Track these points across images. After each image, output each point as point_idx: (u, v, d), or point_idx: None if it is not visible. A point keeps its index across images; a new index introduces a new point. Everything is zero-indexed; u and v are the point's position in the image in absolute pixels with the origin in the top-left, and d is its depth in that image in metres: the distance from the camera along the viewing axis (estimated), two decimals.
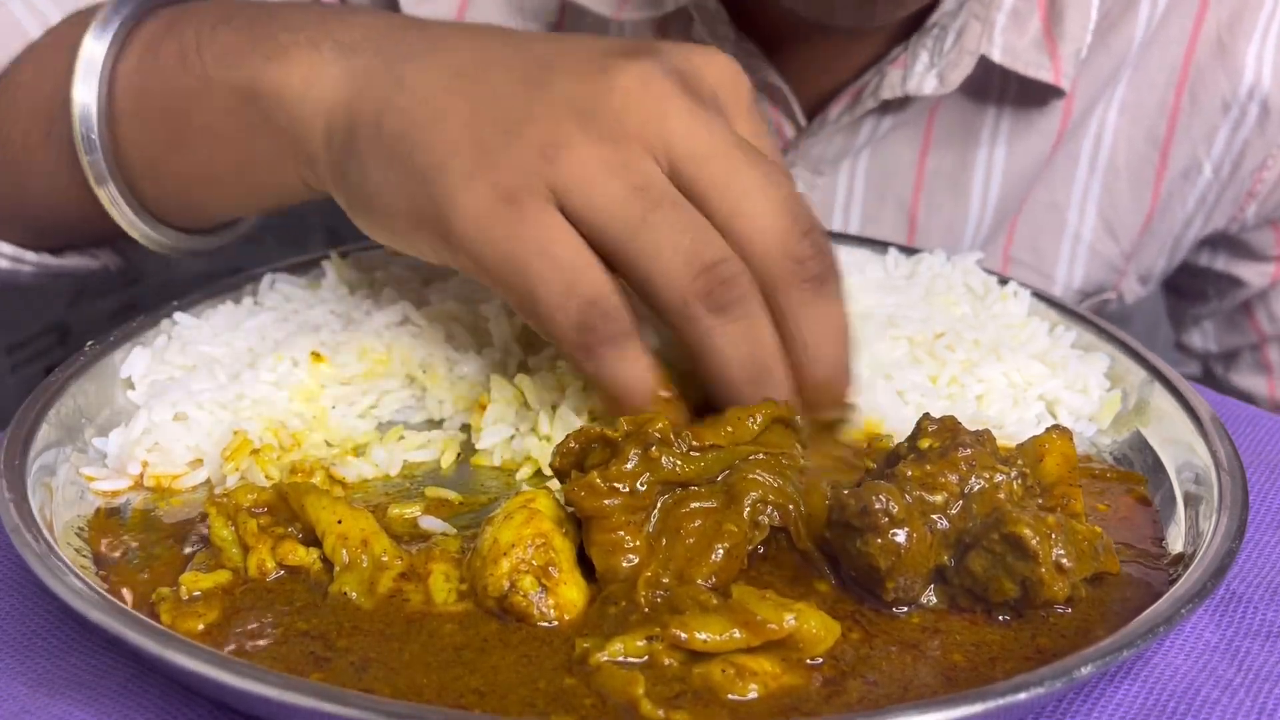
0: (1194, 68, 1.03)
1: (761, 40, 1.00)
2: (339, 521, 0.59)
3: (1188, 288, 1.20)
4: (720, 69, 0.68)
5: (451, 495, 0.66)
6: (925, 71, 0.97)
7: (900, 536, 0.56)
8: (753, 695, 0.51)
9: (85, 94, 0.77)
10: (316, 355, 0.73)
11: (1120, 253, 1.09)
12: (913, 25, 0.98)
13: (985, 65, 0.98)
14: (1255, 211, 1.08)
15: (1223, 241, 1.13)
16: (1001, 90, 1.02)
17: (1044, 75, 0.98)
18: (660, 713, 0.50)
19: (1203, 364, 1.23)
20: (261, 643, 0.55)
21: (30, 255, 0.88)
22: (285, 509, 0.61)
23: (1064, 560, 0.56)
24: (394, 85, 0.67)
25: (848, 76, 1.01)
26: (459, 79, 0.67)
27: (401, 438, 0.71)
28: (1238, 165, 1.05)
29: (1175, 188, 1.07)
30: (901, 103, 1.01)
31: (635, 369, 0.64)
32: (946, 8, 0.96)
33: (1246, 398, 1.15)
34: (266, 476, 0.67)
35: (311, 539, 0.60)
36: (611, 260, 0.63)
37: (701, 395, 0.65)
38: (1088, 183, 1.07)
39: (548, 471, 0.67)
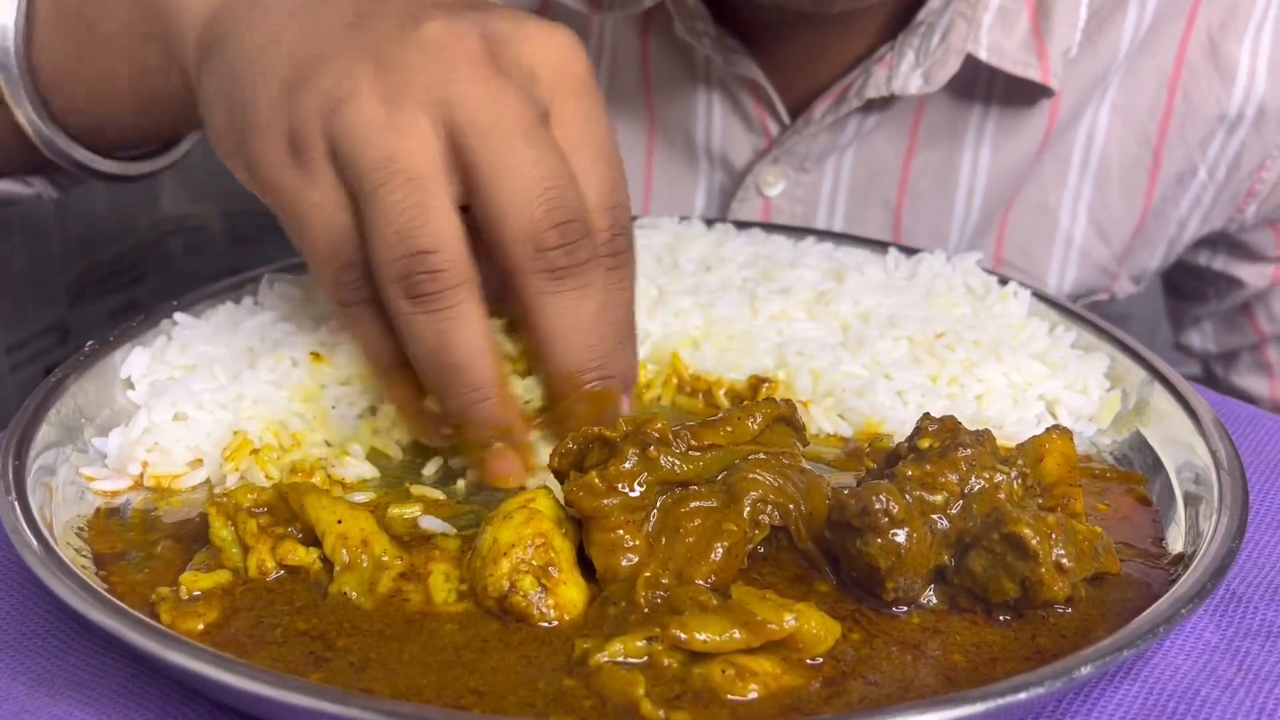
0: (1186, 69, 1.02)
1: (743, 36, 1.00)
2: (339, 521, 0.59)
3: (1187, 288, 1.19)
4: (546, 46, 0.65)
5: (438, 494, 0.66)
6: (911, 70, 0.96)
7: (900, 536, 0.56)
8: (753, 696, 0.51)
9: (4, 14, 0.78)
10: (316, 355, 0.73)
11: (1112, 255, 1.09)
12: (899, 23, 0.98)
13: (972, 64, 0.97)
14: (1255, 211, 1.07)
15: (1222, 242, 1.12)
16: (988, 89, 1.02)
17: (1032, 74, 0.97)
18: (660, 713, 0.50)
19: (1202, 364, 1.22)
20: (261, 643, 0.55)
21: None
22: (285, 509, 0.61)
23: (1064, 560, 0.56)
24: (250, 4, 0.68)
25: (832, 74, 1.01)
26: (303, 6, 0.66)
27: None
28: (1235, 167, 1.05)
29: (1169, 191, 1.06)
30: (887, 101, 1.00)
31: (376, 331, 0.65)
32: (933, 6, 0.96)
33: (1246, 398, 1.15)
34: (266, 476, 0.67)
35: (311, 539, 0.60)
36: None
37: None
38: (1079, 185, 1.06)
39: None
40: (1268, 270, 1.11)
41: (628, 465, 0.58)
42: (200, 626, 0.55)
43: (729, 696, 0.51)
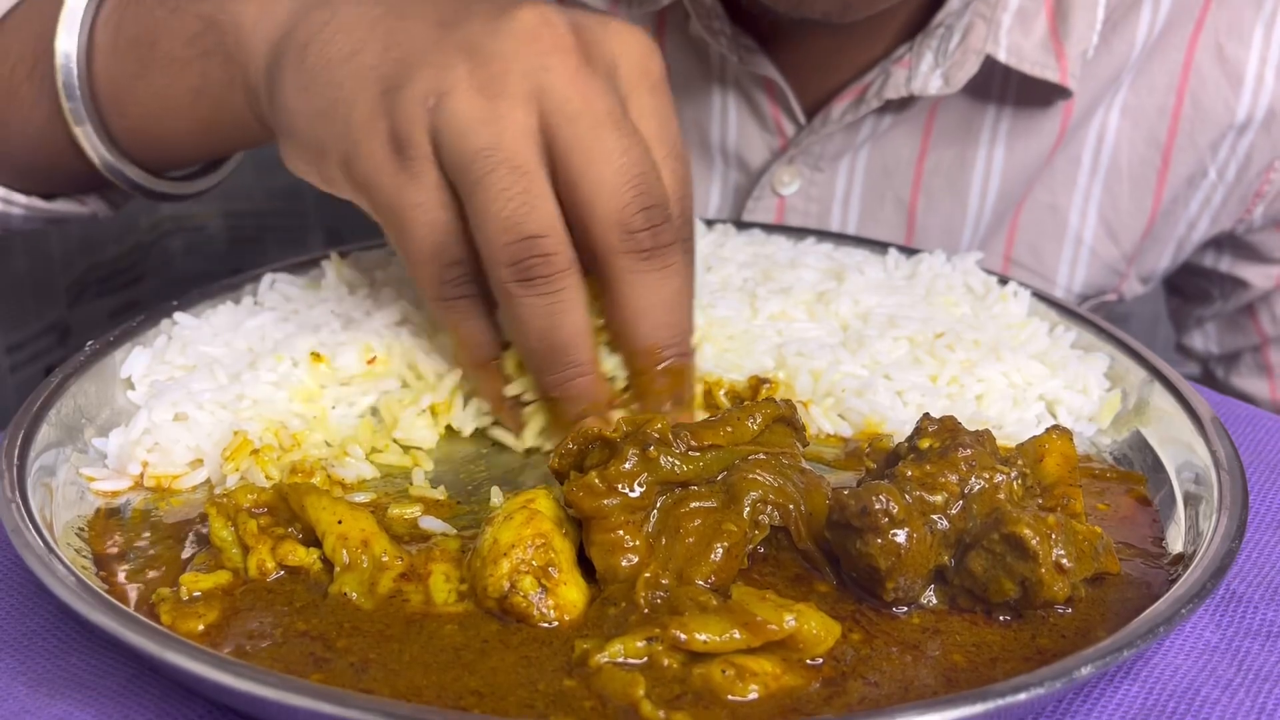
0: (1195, 72, 1.02)
1: (759, 36, 1.00)
2: (339, 522, 0.59)
3: (1191, 289, 1.19)
4: (628, 43, 0.68)
5: (439, 494, 0.66)
6: (930, 71, 0.97)
7: (900, 536, 0.56)
8: (753, 696, 0.51)
9: (67, 43, 0.79)
10: (316, 355, 0.73)
11: (1121, 255, 1.09)
12: (917, 24, 0.98)
13: (989, 65, 0.98)
14: (1263, 212, 1.08)
15: (1228, 243, 1.12)
16: (1003, 90, 1.02)
17: (1050, 75, 0.97)
18: (661, 714, 0.50)
19: (1203, 365, 1.22)
20: (261, 643, 0.55)
21: (20, 198, 0.88)
22: (285, 509, 0.61)
23: (1064, 560, 0.56)
24: (328, 16, 0.69)
25: (848, 74, 1.01)
26: (386, 14, 0.68)
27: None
28: (1244, 168, 1.05)
29: (1179, 192, 1.06)
30: (904, 101, 1.01)
31: (478, 326, 0.69)
32: (952, 7, 0.96)
33: (1247, 399, 1.15)
34: (266, 476, 0.67)
35: (311, 539, 0.60)
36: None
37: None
38: (1089, 185, 1.07)
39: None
40: (1273, 272, 1.12)
41: (628, 466, 0.58)
42: (200, 627, 0.55)
43: (729, 697, 0.51)
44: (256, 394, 0.71)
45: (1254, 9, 1.02)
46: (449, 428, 0.74)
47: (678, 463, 0.59)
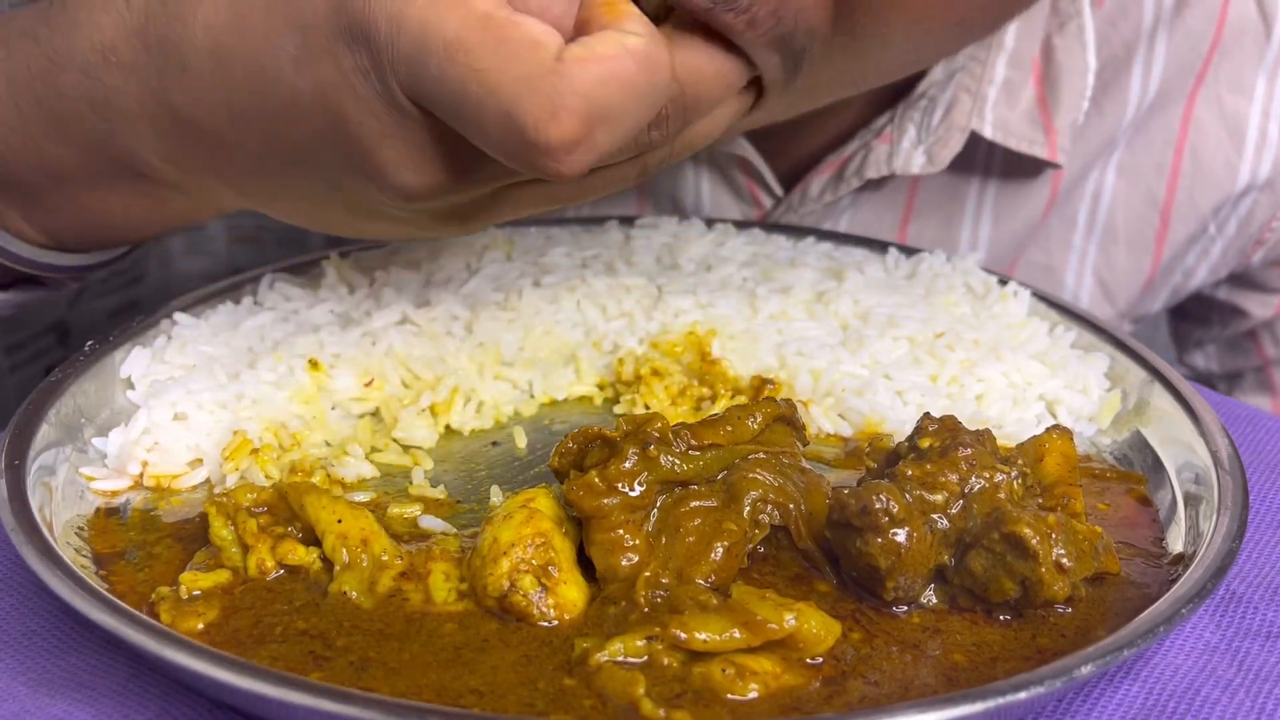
0: (1194, 128, 0.99)
1: None
2: (339, 521, 0.59)
3: (1191, 313, 1.17)
4: None
5: (439, 493, 0.66)
6: (913, 148, 0.93)
7: (900, 536, 0.56)
8: (753, 695, 0.51)
9: None
10: (314, 364, 0.73)
11: (1117, 314, 1.07)
12: (895, 92, 0.95)
13: (973, 138, 0.95)
14: (1262, 257, 1.05)
15: (1226, 277, 1.10)
16: (988, 162, 0.99)
17: (1038, 152, 0.95)
18: (661, 712, 0.50)
19: (1205, 382, 1.21)
20: (261, 642, 0.55)
21: None
22: (285, 508, 0.61)
23: (1064, 560, 0.56)
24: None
25: (825, 142, 0.98)
26: None
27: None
28: (1245, 223, 1.02)
29: (1178, 250, 1.03)
30: (885, 177, 0.97)
31: None
32: (934, 77, 0.93)
33: None
34: (266, 476, 0.67)
35: (311, 538, 0.60)
36: None
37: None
38: (1084, 246, 1.03)
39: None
40: (1273, 300, 1.09)
41: (628, 465, 0.58)
42: (200, 626, 0.55)
43: (729, 696, 0.51)
44: (256, 394, 0.71)
45: (1255, 60, 0.98)
46: (449, 427, 0.74)
47: (678, 462, 0.58)
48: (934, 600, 0.58)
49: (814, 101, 0.77)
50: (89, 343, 0.74)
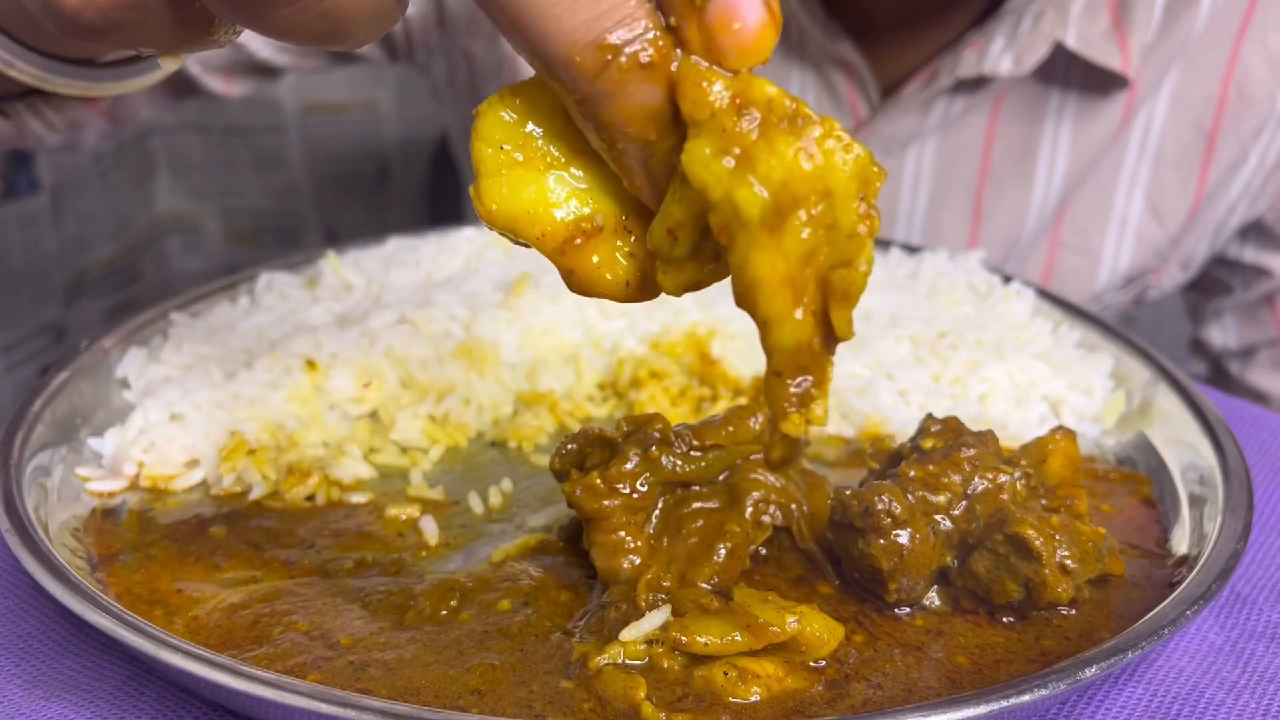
0: (1240, 63, 1.05)
1: (848, 22, 1.03)
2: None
3: (1211, 280, 1.20)
4: None
5: (438, 494, 0.66)
6: (1000, 53, 1.00)
7: (903, 537, 0.55)
8: (755, 698, 0.51)
9: None
10: (311, 364, 0.72)
11: (1166, 238, 1.11)
12: (988, 11, 1.02)
13: (1055, 51, 1.01)
14: None
15: (1253, 231, 1.14)
16: (1066, 77, 1.05)
17: (1114, 64, 1.01)
18: (662, 716, 0.49)
19: (1217, 363, 1.22)
20: (259, 643, 0.54)
21: None
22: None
23: (1068, 561, 0.55)
24: None
25: (922, 58, 1.04)
26: None
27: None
28: None
29: (1222, 176, 1.08)
30: (974, 84, 1.04)
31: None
32: None
33: (1261, 396, 1.16)
34: (263, 477, 0.66)
35: None
36: None
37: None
38: (1136, 169, 1.09)
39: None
40: None
41: (629, 466, 0.57)
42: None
43: (731, 699, 0.51)
44: (253, 394, 0.70)
45: None
46: (447, 428, 0.73)
47: (679, 463, 0.58)
48: (937, 602, 0.58)
49: None
50: (84, 342, 0.73)
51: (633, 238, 0.41)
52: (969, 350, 0.77)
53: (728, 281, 0.83)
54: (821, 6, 1.01)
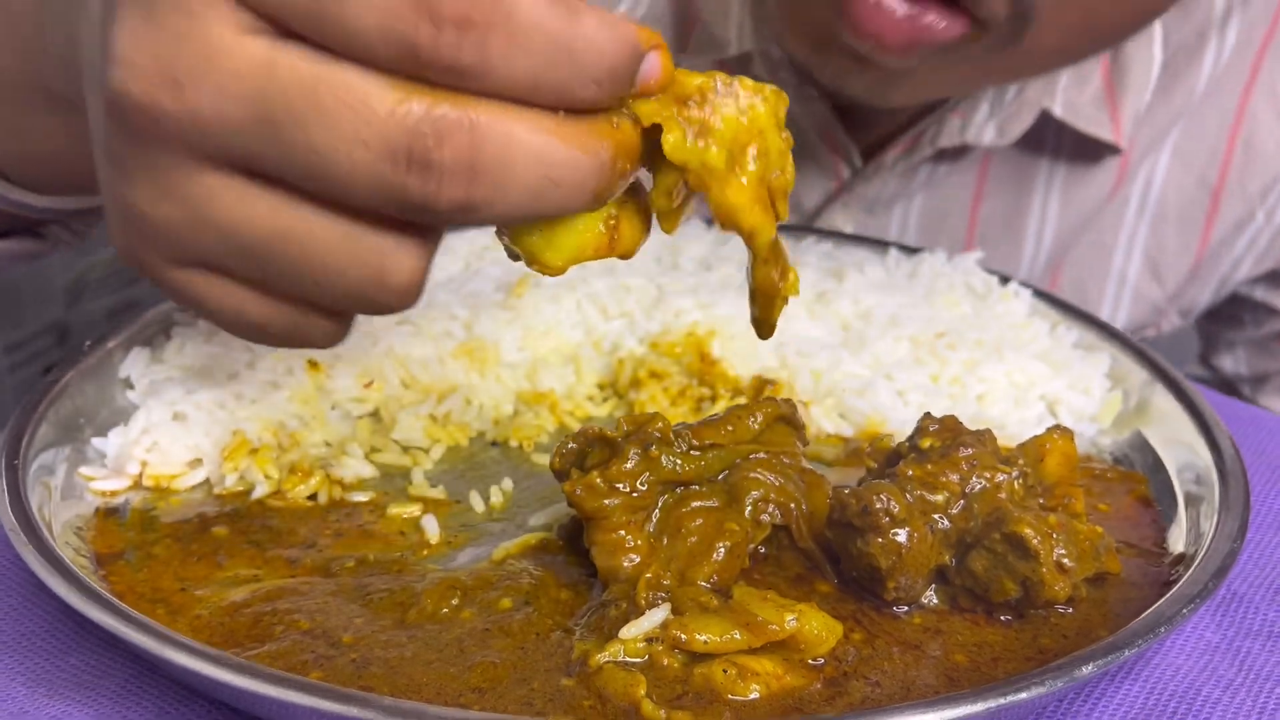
0: (1249, 115, 1.02)
1: (819, 83, 0.99)
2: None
3: (1222, 313, 1.17)
4: None
5: (439, 494, 0.66)
6: (985, 121, 0.97)
7: (901, 536, 0.55)
8: (754, 696, 0.51)
9: None
10: (313, 364, 0.73)
11: (1165, 295, 1.09)
12: None
13: (1042, 118, 0.98)
14: None
15: (1265, 274, 1.11)
16: (1056, 143, 1.02)
17: (1103, 134, 0.98)
18: (662, 713, 0.50)
19: (1229, 386, 1.21)
20: (262, 641, 0.54)
21: None
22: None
23: (1065, 560, 0.56)
24: None
25: (905, 119, 1.01)
26: None
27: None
28: None
29: (1226, 235, 1.05)
30: (958, 150, 1.01)
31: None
32: None
33: None
34: (265, 476, 0.67)
35: None
36: None
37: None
38: (1136, 225, 1.06)
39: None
40: None
41: (629, 465, 0.57)
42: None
43: (730, 697, 0.51)
44: (255, 394, 0.71)
45: None
46: (448, 428, 0.73)
47: (679, 462, 0.58)
48: (935, 601, 0.58)
49: (990, 79, 0.83)
50: (88, 342, 0.74)
51: (627, 205, 0.52)
52: (967, 350, 0.77)
53: (728, 282, 0.83)
54: (793, 74, 0.98)
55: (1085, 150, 1.02)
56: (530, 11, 0.43)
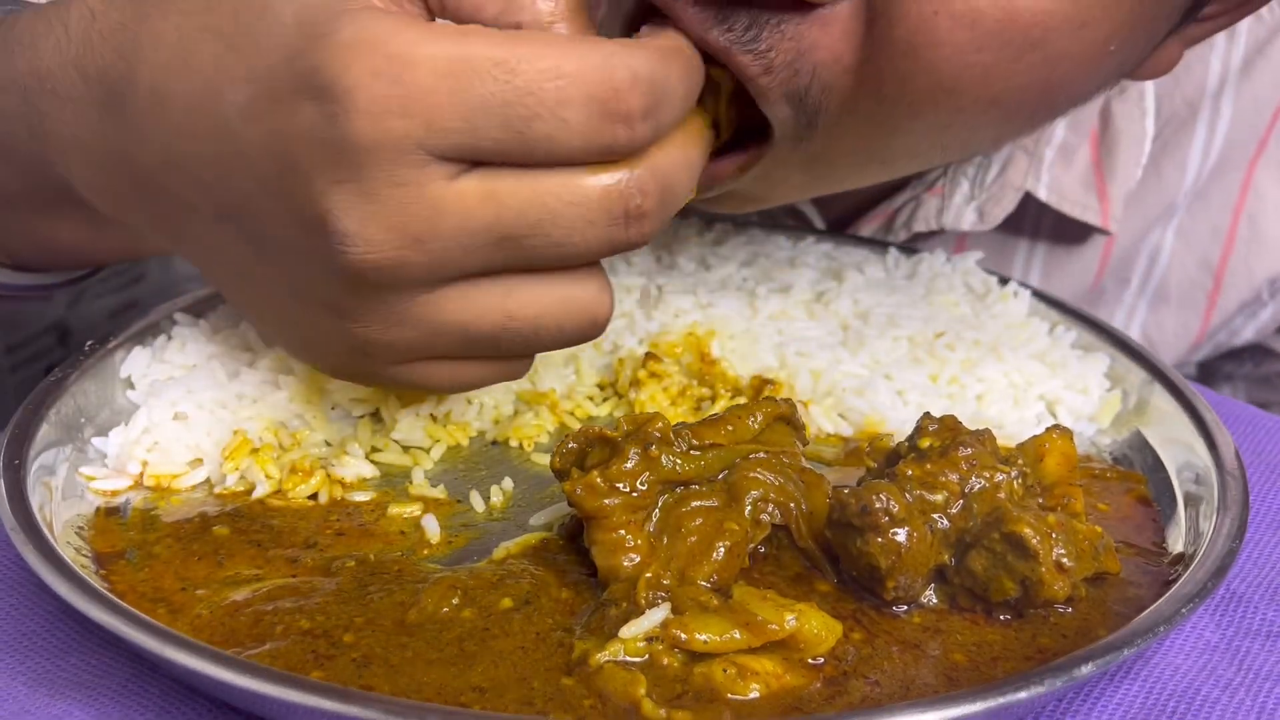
0: (1253, 194, 0.96)
1: None
2: None
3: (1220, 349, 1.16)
4: None
5: (439, 493, 0.66)
6: (965, 204, 0.92)
7: (901, 535, 0.56)
8: (754, 695, 0.51)
9: None
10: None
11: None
12: None
13: (1025, 199, 0.93)
14: None
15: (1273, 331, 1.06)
16: (1037, 224, 0.97)
17: (1091, 218, 0.92)
18: (662, 713, 0.50)
19: None
20: (263, 640, 0.54)
21: None
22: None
23: (1064, 560, 0.56)
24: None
25: (875, 192, 0.96)
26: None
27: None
28: None
29: (1228, 315, 1.01)
30: (934, 232, 0.96)
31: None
32: None
33: None
34: (266, 476, 0.67)
35: None
36: None
37: None
38: (1134, 304, 1.01)
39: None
40: None
41: (629, 465, 0.57)
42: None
43: (730, 696, 0.51)
44: (256, 393, 0.71)
45: None
46: (449, 428, 0.74)
47: (679, 462, 0.58)
48: (934, 600, 0.58)
49: (835, 178, 0.75)
50: (89, 343, 0.74)
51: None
52: (966, 350, 0.77)
53: (727, 282, 0.83)
54: None
55: (1070, 230, 0.96)
56: (673, 81, 0.54)
